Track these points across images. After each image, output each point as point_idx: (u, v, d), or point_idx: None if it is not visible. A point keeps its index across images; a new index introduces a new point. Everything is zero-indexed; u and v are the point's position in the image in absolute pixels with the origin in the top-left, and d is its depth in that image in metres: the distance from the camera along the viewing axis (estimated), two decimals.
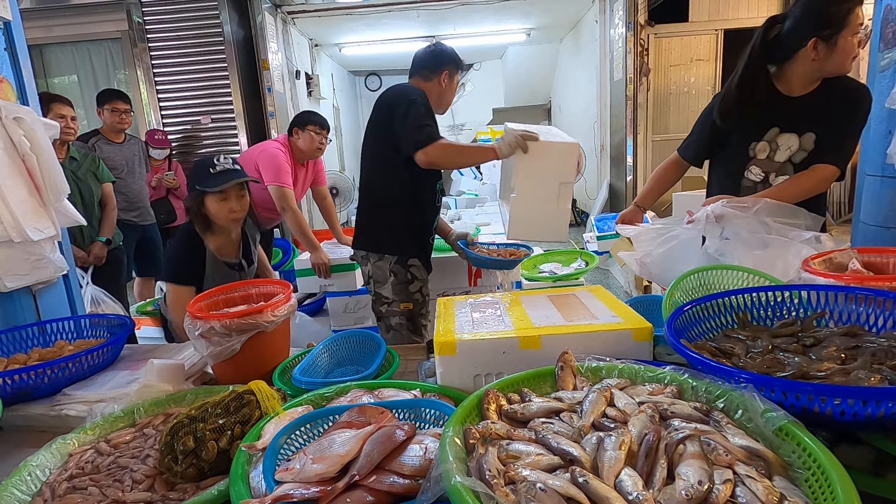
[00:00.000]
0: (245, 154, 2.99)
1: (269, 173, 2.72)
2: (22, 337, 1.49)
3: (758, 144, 1.64)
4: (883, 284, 1.00)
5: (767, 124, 1.63)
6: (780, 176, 1.63)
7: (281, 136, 2.99)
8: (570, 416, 0.78)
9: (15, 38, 1.83)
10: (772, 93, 1.62)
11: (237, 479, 0.76)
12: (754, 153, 1.65)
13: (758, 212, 1.38)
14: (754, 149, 1.65)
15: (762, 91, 1.61)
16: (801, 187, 1.53)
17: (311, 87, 6.81)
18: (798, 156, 1.60)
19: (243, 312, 1.23)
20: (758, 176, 1.66)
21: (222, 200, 1.79)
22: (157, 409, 1.13)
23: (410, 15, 6.37)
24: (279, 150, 2.82)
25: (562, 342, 0.99)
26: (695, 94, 5.63)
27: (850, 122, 1.57)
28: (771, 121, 1.62)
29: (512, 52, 9.29)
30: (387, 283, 1.99)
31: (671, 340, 0.89)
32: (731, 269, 1.28)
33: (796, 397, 0.70)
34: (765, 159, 1.64)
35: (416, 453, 0.75)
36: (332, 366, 1.37)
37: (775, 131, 1.62)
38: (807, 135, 1.58)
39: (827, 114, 1.56)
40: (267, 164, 2.74)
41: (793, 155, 1.61)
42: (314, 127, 2.90)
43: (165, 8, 4.92)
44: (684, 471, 0.61)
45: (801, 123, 1.59)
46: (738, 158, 1.69)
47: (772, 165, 1.64)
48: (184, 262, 1.81)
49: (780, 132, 1.62)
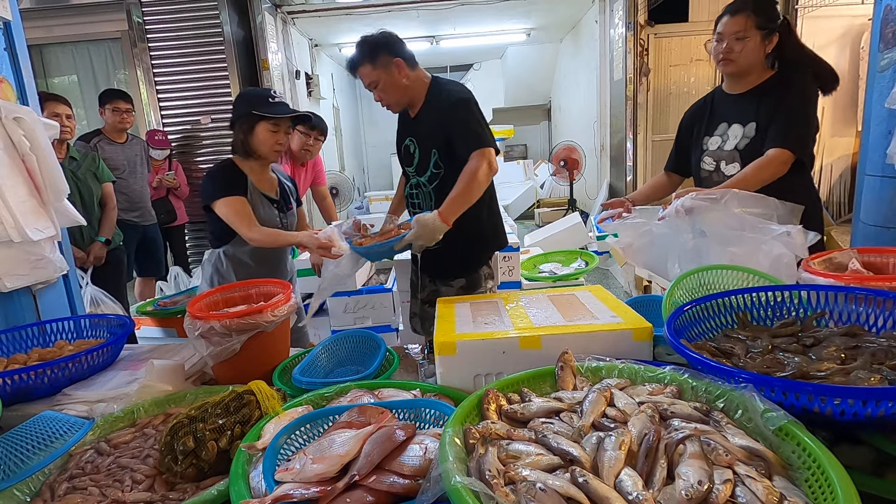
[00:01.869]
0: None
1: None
2: (22, 337, 1.49)
3: (711, 138, 1.85)
4: (883, 284, 1.00)
5: (717, 120, 1.85)
6: (730, 164, 1.80)
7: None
8: (570, 416, 0.78)
9: (15, 38, 1.83)
10: (719, 95, 1.88)
11: (237, 479, 0.76)
12: (707, 146, 1.86)
13: (727, 202, 1.42)
14: (707, 142, 1.86)
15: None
16: (760, 174, 1.62)
17: (311, 87, 6.80)
18: (742, 143, 1.77)
19: (243, 312, 1.23)
20: (710, 165, 1.85)
21: (273, 131, 1.86)
22: (157, 409, 1.13)
23: (410, 15, 6.37)
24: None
25: (562, 342, 0.99)
26: (695, 94, 5.62)
27: (785, 105, 1.68)
28: (719, 117, 1.85)
29: (512, 52, 9.29)
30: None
31: (671, 340, 0.89)
32: (731, 269, 1.28)
33: (796, 397, 0.70)
34: (715, 150, 1.84)
35: (416, 453, 0.75)
36: (332, 366, 1.37)
37: (724, 126, 1.83)
38: (749, 124, 1.76)
39: (762, 105, 1.73)
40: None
41: (738, 143, 1.78)
42: (303, 127, 2.82)
43: (165, 8, 4.91)
44: (684, 471, 0.61)
45: (743, 116, 1.78)
46: (696, 152, 1.91)
47: (720, 154, 1.83)
48: (227, 178, 1.89)
49: (728, 126, 1.82)
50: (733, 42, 1.71)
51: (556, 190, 8.23)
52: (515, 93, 9.96)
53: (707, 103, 1.92)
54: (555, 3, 6.49)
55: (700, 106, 1.94)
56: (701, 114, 1.91)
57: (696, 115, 1.93)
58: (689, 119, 1.97)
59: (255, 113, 1.85)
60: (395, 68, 1.82)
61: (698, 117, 1.92)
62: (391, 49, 1.84)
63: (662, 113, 5.70)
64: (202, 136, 5.16)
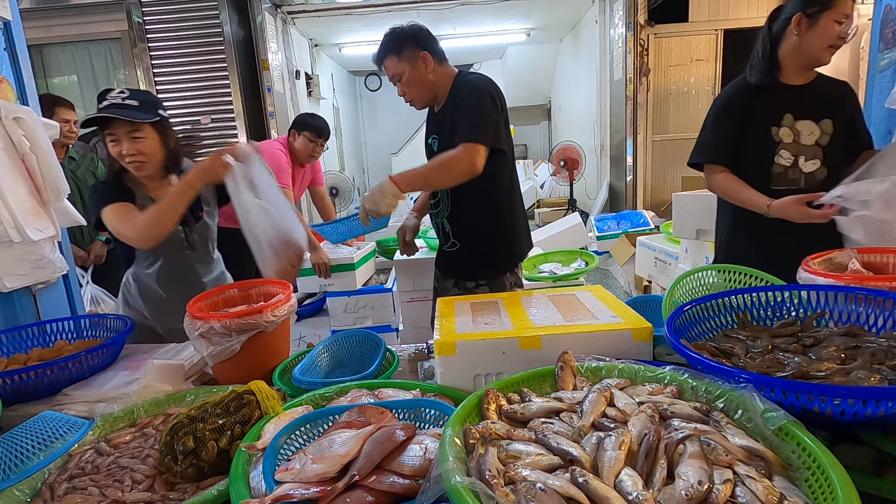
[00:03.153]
0: None
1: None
2: (22, 337, 1.49)
3: (780, 129, 1.65)
4: (883, 284, 1.00)
5: (780, 111, 1.66)
6: (810, 160, 1.64)
7: (282, 137, 2.96)
8: (570, 416, 0.78)
9: (15, 38, 1.83)
10: (775, 80, 1.68)
11: (237, 479, 0.76)
12: (780, 138, 1.65)
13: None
14: (778, 133, 1.65)
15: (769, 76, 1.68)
16: None
17: (311, 87, 6.81)
18: (823, 139, 1.64)
19: (243, 312, 1.23)
20: (788, 160, 1.65)
21: (112, 141, 1.53)
22: (157, 409, 1.13)
23: (410, 15, 6.36)
24: (280, 150, 2.80)
25: (562, 342, 0.99)
26: (695, 94, 5.63)
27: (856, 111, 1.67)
28: (782, 108, 1.66)
29: (512, 52, 9.30)
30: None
31: (671, 340, 0.89)
32: (731, 269, 1.28)
33: (796, 397, 0.70)
34: (792, 143, 1.64)
35: (416, 453, 0.75)
36: (332, 366, 1.37)
37: (790, 118, 1.65)
38: (824, 121, 1.62)
39: (834, 103, 1.63)
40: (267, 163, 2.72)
41: (818, 138, 1.64)
42: (309, 133, 2.87)
43: (165, 8, 4.92)
44: (684, 471, 0.61)
45: (812, 111, 1.63)
46: (765, 145, 1.67)
47: (800, 149, 1.64)
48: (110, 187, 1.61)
49: (794, 119, 1.65)
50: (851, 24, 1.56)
51: (556, 190, 8.24)
52: (515, 93, 9.95)
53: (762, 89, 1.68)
54: (555, 3, 6.49)
55: (750, 90, 1.70)
56: (755, 100, 1.68)
57: (749, 100, 1.69)
58: (737, 103, 1.71)
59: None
60: (422, 62, 1.74)
61: (753, 103, 1.68)
62: (419, 42, 1.77)
63: (662, 113, 5.71)
64: (202, 136, 5.16)
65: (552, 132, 10.62)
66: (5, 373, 1.20)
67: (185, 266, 1.71)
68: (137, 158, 1.54)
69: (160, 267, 1.68)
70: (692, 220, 3.02)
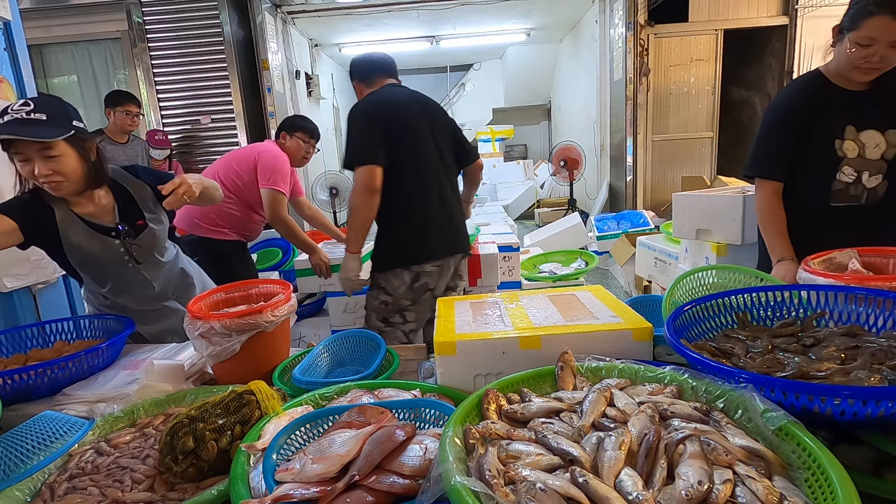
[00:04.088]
0: (243, 151, 2.74)
1: (268, 175, 2.53)
2: (21, 337, 1.49)
3: (843, 143, 1.54)
4: (883, 284, 1.00)
5: (842, 123, 1.56)
6: (875, 175, 1.55)
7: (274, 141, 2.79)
8: (570, 416, 0.78)
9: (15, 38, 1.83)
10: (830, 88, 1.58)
11: (237, 479, 0.76)
12: (843, 153, 1.55)
13: None
14: (842, 148, 1.54)
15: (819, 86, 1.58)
16: None
17: (311, 87, 6.81)
18: (890, 152, 1.53)
19: (243, 312, 1.23)
20: (850, 176, 1.55)
21: (21, 161, 1.34)
22: (157, 409, 1.13)
23: (410, 15, 6.37)
24: (279, 155, 2.65)
25: (562, 342, 0.99)
26: (695, 94, 5.63)
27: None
28: (844, 119, 1.56)
29: (512, 52, 9.30)
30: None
31: (671, 340, 0.89)
32: (731, 269, 1.28)
33: (796, 397, 0.70)
34: (856, 158, 1.54)
35: (416, 453, 0.75)
36: (332, 366, 1.37)
37: (852, 130, 1.54)
38: (890, 131, 1.53)
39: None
40: (268, 166, 2.55)
41: (884, 152, 1.53)
42: (303, 134, 2.74)
43: (165, 8, 4.92)
44: (684, 471, 0.61)
45: (877, 119, 1.54)
46: (827, 160, 1.56)
47: (864, 164, 1.54)
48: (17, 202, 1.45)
49: (857, 130, 1.54)
50: (888, 50, 1.40)
51: (556, 190, 8.24)
52: (515, 93, 9.97)
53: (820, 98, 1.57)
54: (555, 3, 6.49)
55: (808, 100, 1.58)
56: (815, 111, 1.57)
57: (808, 111, 1.58)
58: (795, 115, 1.59)
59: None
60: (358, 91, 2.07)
61: (813, 115, 1.57)
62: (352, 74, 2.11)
63: (662, 113, 5.71)
64: (202, 136, 5.17)
65: (552, 132, 10.62)
66: (5, 372, 1.20)
67: (136, 277, 1.61)
68: (53, 179, 1.36)
69: (111, 287, 1.61)
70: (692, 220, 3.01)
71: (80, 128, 1.40)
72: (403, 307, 2.06)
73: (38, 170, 1.34)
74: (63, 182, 1.39)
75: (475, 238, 2.72)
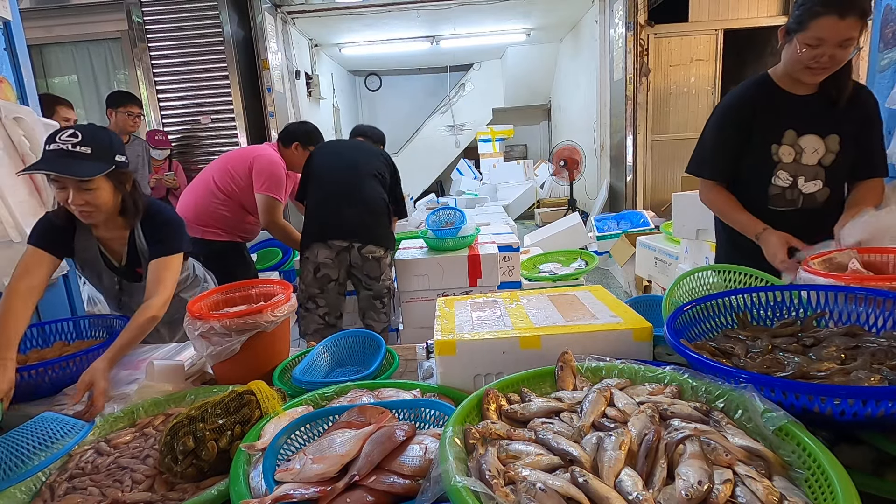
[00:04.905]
0: (239, 153, 2.71)
1: (263, 180, 2.52)
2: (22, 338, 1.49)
3: (780, 148, 1.55)
4: (883, 284, 1.00)
5: (781, 126, 1.55)
6: (811, 180, 1.54)
7: (272, 144, 2.76)
8: (570, 416, 0.78)
9: (15, 38, 1.83)
10: (775, 91, 1.57)
11: (237, 479, 0.76)
12: (779, 157, 1.55)
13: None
14: (777, 153, 1.55)
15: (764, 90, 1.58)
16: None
17: (310, 87, 6.81)
18: (827, 158, 1.53)
19: (243, 312, 1.23)
20: (786, 181, 1.56)
21: (59, 188, 1.38)
22: (157, 409, 1.13)
23: (410, 15, 6.37)
24: (279, 161, 2.63)
25: (562, 342, 0.99)
26: (695, 94, 5.63)
27: (871, 125, 1.55)
28: (784, 123, 1.55)
29: (512, 52, 9.30)
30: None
31: (671, 340, 0.89)
32: (731, 269, 1.28)
33: (796, 397, 0.70)
34: (791, 163, 1.54)
35: (416, 453, 0.75)
36: (332, 366, 1.37)
37: (792, 134, 1.54)
38: (830, 136, 1.52)
39: (844, 115, 1.52)
40: (264, 171, 2.55)
41: (821, 158, 1.53)
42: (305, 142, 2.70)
43: (165, 8, 4.92)
44: (684, 471, 0.61)
45: (818, 124, 1.53)
46: (763, 164, 1.57)
47: (800, 169, 1.54)
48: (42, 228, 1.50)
49: (797, 135, 1.54)
50: (836, 50, 1.39)
51: (556, 190, 8.24)
52: (515, 93, 9.96)
53: (764, 101, 1.57)
54: (555, 3, 6.49)
55: (751, 103, 1.58)
56: (757, 114, 1.57)
57: (751, 114, 1.57)
58: (737, 117, 1.59)
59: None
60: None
61: (754, 118, 1.57)
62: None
63: (662, 113, 5.71)
64: (202, 136, 5.17)
65: (552, 132, 10.62)
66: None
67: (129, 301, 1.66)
68: (85, 209, 1.40)
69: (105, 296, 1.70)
70: (692, 220, 3.02)
71: (122, 161, 1.43)
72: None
73: (73, 199, 1.37)
74: (94, 212, 1.43)
75: (475, 238, 2.72)
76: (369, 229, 2.38)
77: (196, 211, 2.56)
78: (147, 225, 1.54)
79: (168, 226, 1.55)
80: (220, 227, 2.59)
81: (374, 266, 2.39)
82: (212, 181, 2.59)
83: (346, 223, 2.35)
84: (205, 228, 2.56)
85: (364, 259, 2.36)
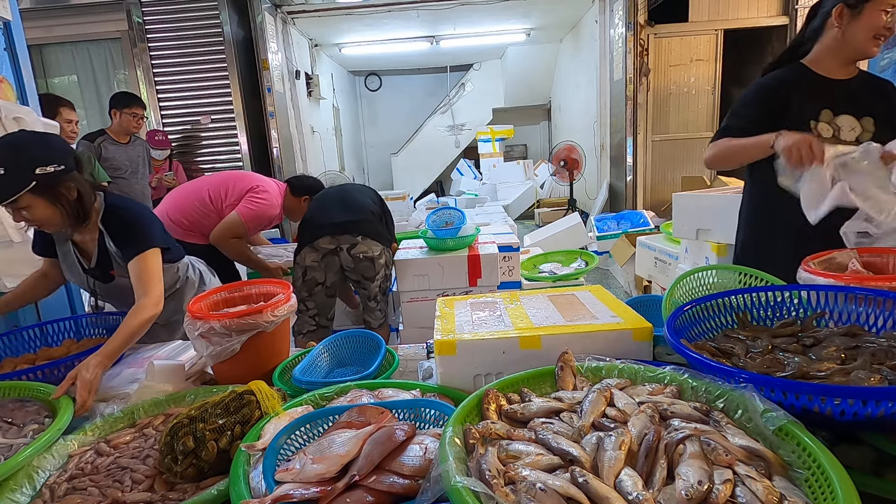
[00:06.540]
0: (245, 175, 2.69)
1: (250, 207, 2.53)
2: (22, 339, 1.49)
3: (818, 125, 1.55)
4: (883, 284, 1.00)
5: (818, 106, 1.57)
6: None
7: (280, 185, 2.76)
8: (570, 416, 0.78)
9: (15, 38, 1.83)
10: (811, 76, 1.59)
11: (237, 480, 0.76)
12: (818, 132, 1.54)
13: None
14: (816, 128, 1.55)
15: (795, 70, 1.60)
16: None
17: (310, 87, 6.81)
18: (864, 136, 1.55)
19: (243, 312, 1.23)
20: None
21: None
22: (157, 409, 1.13)
23: (410, 15, 6.37)
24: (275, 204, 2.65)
25: (562, 342, 0.99)
26: (695, 93, 5.63)
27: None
28: (820, 103, 1.56)
29: (512, 52, 9.29)
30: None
31: (671, 340, 0.89)
32: (731, 269, 1.28)
33: (796, 397, 0.70)
34: (830, 138, 1.54)
35: (416, 453, 0.75)
36: (332, 366, 1.37)
37: (828, 113, 1.56)
38: (865, 118, 1.55)
39: (876, 100, 1.56)
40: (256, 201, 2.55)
41: (860, 135, 1.55)
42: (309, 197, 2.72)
43: (165, 8, 4.92)
44: (684, 471, 0.61)
45: (854, 106, 1.55)
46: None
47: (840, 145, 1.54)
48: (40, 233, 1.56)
49: (833, 115, 1.55)
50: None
51: (556, 190, 8.24)
52: (515, 93, 9.96)
53: (800, 82, 1.59)
54: (555, 3, 6.49)
55: (787, 84, 1.59)
56: (792, 94, 1.58)
57: (786, 94, 1.58)
58: (771, 95, 1.60)
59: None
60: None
61: (790, 97, 1.58)
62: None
63: (662, 113, 5.71)
64: (202, 136, 5.17)
65: (552, 132, 10.62)
66: (13, 373, 1.21)
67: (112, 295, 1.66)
68: (32, 224, 1.39)
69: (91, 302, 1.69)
70: (692, 220, 3.01)
71: (48, 173, 1.32)
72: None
73: (14, 218, 1.35)
74: (43, 226, 1.40)
75: (475, 238, 2.72)
76: (357, 224, 2.39)
77: (181, 214, 2.55)
78: (112, 227, 1.49)
79: (133, 226, 1.49)
80: (198, 232, 2.59)
81: (368, 266, 2.39)
82: (204, 189, 2.58)
83: (335, 221, 2.38)
84: (185, 231, 2.55)
85: (356, 260, 2.36)
